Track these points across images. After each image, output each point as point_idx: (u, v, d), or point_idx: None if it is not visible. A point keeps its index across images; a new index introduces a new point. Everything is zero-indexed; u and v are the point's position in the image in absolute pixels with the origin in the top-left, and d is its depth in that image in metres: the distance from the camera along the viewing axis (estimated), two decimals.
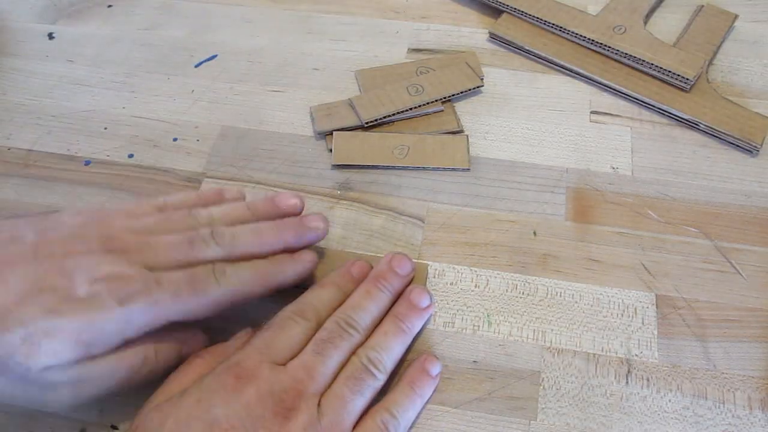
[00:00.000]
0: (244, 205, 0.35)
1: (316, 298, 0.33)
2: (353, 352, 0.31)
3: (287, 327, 0.31)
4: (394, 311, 0.34)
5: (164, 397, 0.29)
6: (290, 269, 0.34)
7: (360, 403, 0.30)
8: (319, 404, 0.29)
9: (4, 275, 0.27)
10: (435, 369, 0.34)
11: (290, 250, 0.35)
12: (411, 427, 0.32)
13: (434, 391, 0.34)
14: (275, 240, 0.34)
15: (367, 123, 0.44)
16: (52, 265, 0.28)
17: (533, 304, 0.37)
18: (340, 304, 0.33)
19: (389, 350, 0.32)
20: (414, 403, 0.32)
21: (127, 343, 0.29)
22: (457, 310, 0.37)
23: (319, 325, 0.32)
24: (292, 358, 0.30)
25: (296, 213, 0.37)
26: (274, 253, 0.34)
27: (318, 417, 0.28)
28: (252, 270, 0.33)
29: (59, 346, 0.27)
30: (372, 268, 0.36)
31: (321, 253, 0.39)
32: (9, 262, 0.28)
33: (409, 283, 0.36)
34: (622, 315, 0.36)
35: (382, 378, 0.31)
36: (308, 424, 0.28)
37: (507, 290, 0.37)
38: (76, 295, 0.28)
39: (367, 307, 0.33)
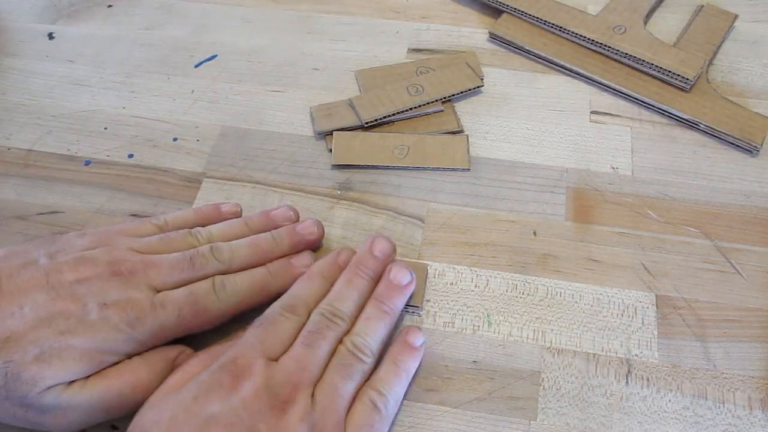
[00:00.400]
0: (241, 221, 0.37)
1: (304, 290, 0.34)
2: (340, 341, 0.32)
3: (278, 323, 0.32)
4: (376, 294, 0.34)
5: (161, 397, 0.29)
6: (288, 276, 0.35)
7: (351, 386, 0.31)
8: (312, 394, 0.30)
9: (19, 301, 0.29)
10: (417, 341, 0.34)
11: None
12: (402, 421, 0.33)
13: (420, 363, 0.34)
14: (272, 250, 0.36)
15: (367, 123, 0.44)
16: (64, 291, 0.30)
17: (533, 304, 0.37)
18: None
19: (373, 334, 0.33)
20: (400, 378, 0.32)
21: (117, 371, 0.30)
22: (457, 310, 0.37)
23: (308, 317, 0.33)
24: (284, 352, 0.31)
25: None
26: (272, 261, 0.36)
27: (312, 407, 0.29)
28: (250, 281, 0.34)
29: (71, 363, 0.29)
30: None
31: (320, 253, 0.39)
32: (24, 289, 0.30)
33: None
34: (622, 315, 0.36)
35: (369, 361, 0.32)
36: (304, 414, 0.28)
37: (507, 290, 0.37)
38: (88, 319, 0.30)
39: (349, 295, 0.34)
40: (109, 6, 0.54)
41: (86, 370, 0.29)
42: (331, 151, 0.43)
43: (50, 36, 0.52)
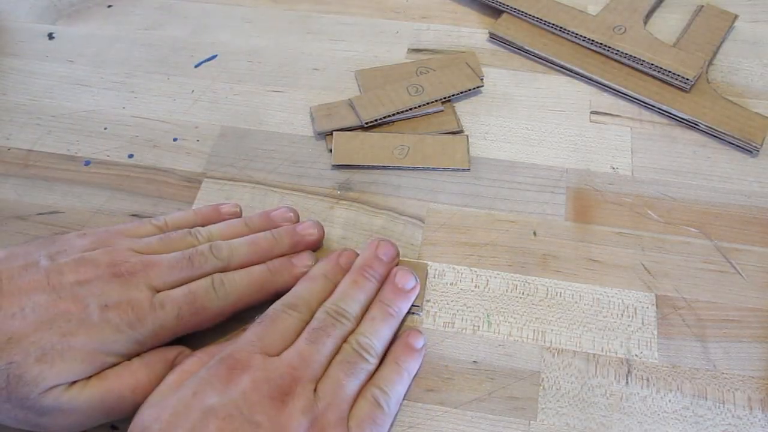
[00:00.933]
0: (241, 221, 0.37)
1: (306, 290, 0.34)
2: (345, 340, 0.32)
3: (279, 320, 0.32)
4: (381, 297, 0.35)
5: (161, 396, 0.29)
6: (288, 275, 0.36)
7: (354, 384, 0.31)
8: (315, 389, 0.30)
9: (20, 303, 0.29)
10: (419, 343, 0.34)
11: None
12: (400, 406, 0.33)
13: (420, 365, 0.34)
14: (271, 249, 0.36)
15: (367, 123, 0.44)
16: (65, 292, 0.30)
17: (533, 304, 0.37)
18: (330, 294, 0.34)
19: (378, 335, 0.33)
20: (402, 378, 0.33)
21: (116, 373, 0.30)
22: (457, 311, 0.37)
23: (310, 317, 0.33)
24: (285, 349, 0.31)
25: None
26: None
27: (315, 401, 0.29)
28: (249, 279, 0.34)
29: (72, 364, 0.29)
30: (358, 255, 0.37)
31: (320, 253, 0.39)
32: (25, 290, 0.30)
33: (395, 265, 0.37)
34: (622, 315, 0.36)
35: (373, 362, 0.32)
36: (306, 408, 0.29)
37: (507, 290, 0.37)
38: (90, 321, 0.30)
39: (355, 296, 0.34)
40: (109, 6, 0.54)
41: (88, 370, 0.29)
42: (331, 151, 0.43)
43: (50, 36, 0.52)
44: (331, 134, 0.44)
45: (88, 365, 0.29)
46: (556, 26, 0.49)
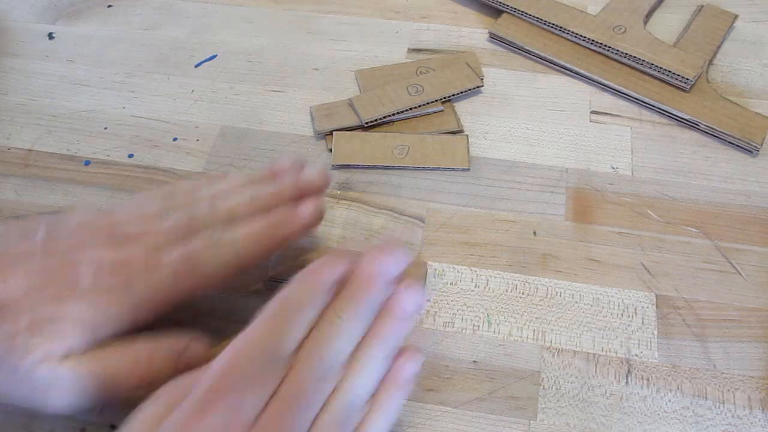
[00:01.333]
0: (245, 177, 0.35)
1: (287, 334, 0.26)
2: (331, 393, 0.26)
3: (261, 375, 0.25)
4: (380, 330, 0.28)
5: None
6: (292, 224, 0.33)
7: None
8: None
9: (13, 269, 0.28)
10: (410, 373, 0.28)
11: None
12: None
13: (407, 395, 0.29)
14: (273, 201, 0.34)
15: (367, 123, 0.44)
16: (58, 258, 0.29)
17: (533, 304, 0.37)
18: (321, 317, 0.27)
19: (372, 381, 0.27)
20: (389, 418, 0.28)
21: (116, 349, 0.29)
22: (457, 310, 0.37)
23: (295, 356, 0.26)
24: (263, 410, 0.25)
25: None
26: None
27: None
28: (248, 232, 0.32)
29: (65, 332, 0.28)
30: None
31: (320, 253, 0.39)
32: (19, 257, 0.29)
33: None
34: (622, 315, 0.36)
35: (361, 415, 0.27)
36: None
37: (507, 290, 0.37)
38: (81, 285, 0.29)
39: (347, 336, 0.27)
40: (109, 6, 0.54)
41: (81, 340, 0.28)
42: (331, 151, 0.43)
43: (50, 36, 0.52)
44: (331, 134, 0.44)
45: (80, 334, 0.28)
46: (556, 26, 0.49)
